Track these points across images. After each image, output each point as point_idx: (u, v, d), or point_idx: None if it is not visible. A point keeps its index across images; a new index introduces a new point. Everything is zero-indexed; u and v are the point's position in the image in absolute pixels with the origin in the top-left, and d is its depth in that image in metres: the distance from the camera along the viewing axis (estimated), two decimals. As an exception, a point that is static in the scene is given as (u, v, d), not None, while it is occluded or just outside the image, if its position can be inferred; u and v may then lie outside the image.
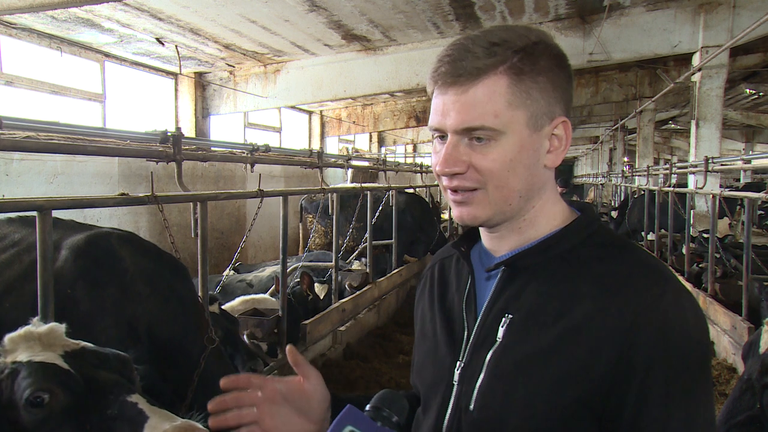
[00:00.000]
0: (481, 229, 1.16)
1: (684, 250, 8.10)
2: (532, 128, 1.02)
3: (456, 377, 1.08)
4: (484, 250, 1.16)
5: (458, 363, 1.08)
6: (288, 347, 1.13)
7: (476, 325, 1.09)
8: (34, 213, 2.56)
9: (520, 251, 1.08)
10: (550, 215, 1.10)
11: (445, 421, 1.07)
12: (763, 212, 16.57)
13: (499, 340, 1.04)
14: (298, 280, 6.03)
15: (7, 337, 1.54)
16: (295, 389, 1.10)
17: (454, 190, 1.05)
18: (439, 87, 1.03)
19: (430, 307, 1.23)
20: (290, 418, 1.09)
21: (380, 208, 8.26)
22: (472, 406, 1.03)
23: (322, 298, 6.02)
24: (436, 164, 1.06)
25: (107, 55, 8.78)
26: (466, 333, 1.10)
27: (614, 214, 13.28)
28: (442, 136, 1.06)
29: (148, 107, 10.15)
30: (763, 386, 2.15)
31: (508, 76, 0.99)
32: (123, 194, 3.14)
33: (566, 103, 1.07)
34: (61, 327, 1.61)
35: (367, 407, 0.99)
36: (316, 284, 6.10)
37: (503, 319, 1.05)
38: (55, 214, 2.64)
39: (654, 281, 0.98)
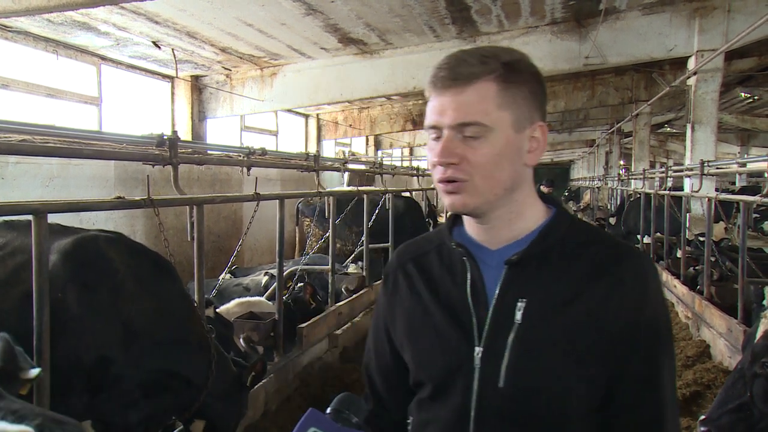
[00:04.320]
0: (472, 224, 1.29)
1: (680, 254, 8.11)
2: (516, 129, 1.18)
3: (477, 361, 1.20)
4: (473, 242, 1.29)
5: (476, 348, 1.20)
6: None
7: (490, 311, 1.21)
8: (28, 216, 2.55)
9: (529, 244, 1.23)
10: (534, 208, 1.27)
11: (473, 401, 1.20)
12: (758, 215, 16.62)
13: (518, 323, 1.18)
14: (301, 285, 6.01)
15: None
16: None
17: (447, 181, 1.18)
18: (437, 89, 1.18)
19: (417, 304, 1.32)
20: None
21: (377, 211, 8.26)
22: (501, 383, 1.17)
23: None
24: (434, 157, 1.19)
25: (103, 58, 8.77)
26: (475, 321, 1.22)
27: (612, 220, 13.26)
28: (438, 136, 1.19)
29: (144, 110, 10.14)
30: (752, 375, 2.20)
31: (497, 83, 1.16)
32: (119, 197, 3.14)
33: (543, 112, 1.24)
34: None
35: (328, 410, 1.06)
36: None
37: (519, 304, 1.19)
38: (51, 217, 2.63)
39: (637, 259, 1.22)
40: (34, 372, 1.46)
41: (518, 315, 1.19)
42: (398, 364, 1.38)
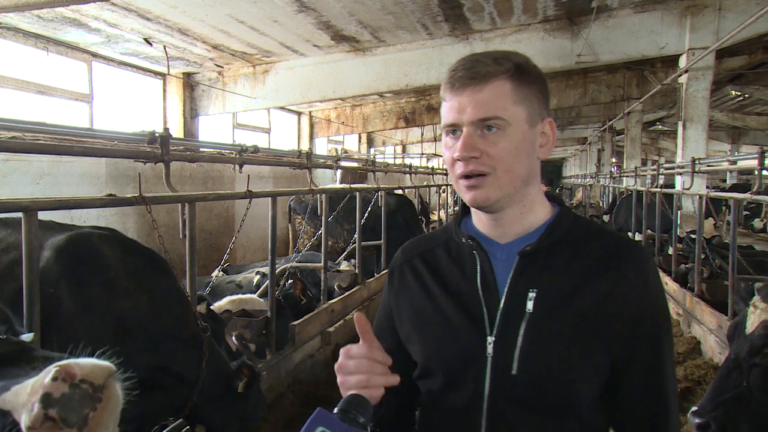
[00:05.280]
0: (483, 220, 1.34)
1: (671, 251, 8.15)
2: (530, 124, 1.25)
3: (490, 350, 1.25)
4: (482, 237, 1.35)
5: (489, 338, 1.25)
6: (357, 316, 1.27)
7: (502, 301, 1.27)
8: (20, 214, 2.54)
9: (539, 237, 1.29)
10: (542, 205, 1.34)
11: (486, 388, 1.25)
12: (748, 212, 16.72)
13: (529, 312, 1.24)
14: (291, 281, 6.01)
15: None
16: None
17: (467, 176, 1.24)
18: (455, 89, 1.24)
19: (426, 297, 1.37)
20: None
21: (369, 208, 8.26)
22: (514, 371, 1.22)
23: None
24: (453, 153, 1.24)
25: (94, 55, 8.72)
26: (486, 311, 1.27)
27: (606, 218, 13.30)
28: (455, 131, 1.26)
29: (136, 108, 10.09)
30: (751, 366, 2.22)
31: (511, 81, 1.23)
32: (110, 195, 3.12)
33: (548, 109, 1.32)
34: None
35: (335, 410, 1.09)
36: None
37: (530, 294, 1.25)
38: (42, 215, 2.62)
39: (638, 253, 1.29)
40: (29, 336, 1.50)
41: (529, 305, 1.24)
42: (399, 356, 1.39)
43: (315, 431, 1.04)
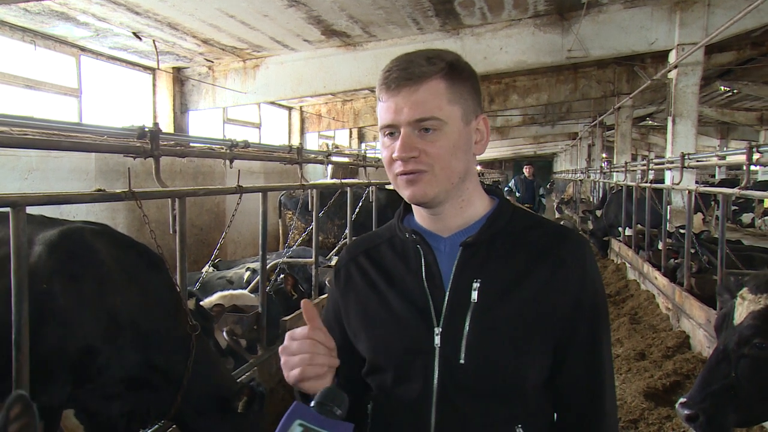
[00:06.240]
0: (423, 215, 1.36)
1: (660, 246, 8.20)
2: (465, 122, 1.28)
3: (438, 341, 1.27)
4: (424, 231, 1.37)
5: (436, 329, 1.27)
6: (303, 302, 1.28)
7: (447, 293, 1.29)
8: (7, 209, 2.51)
9: (480, 228, 1.32)
10: (481, 198, 1.37)
11: (435, 379, 1.26)
12: (736, 207, 16.85)
13: (474, 302, 1.26)
14: (282, 277, 6.00)
15: None
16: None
17: (405, 173, 1.25)
18: (391, 90, 1.26)
19: (372, 293, 1.38)
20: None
21: (360, 204, 8.25)
22: (462, 360, 1.24)
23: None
24: (392, 153, 1.26)
25: (83, 49, 8.65)
26: (432, 303, 1.29)
27: (599, 213, 13.34)
28: (392, 133, 1.27)
29: (125, 102, 10.02)
30: (739, 356, 2.24)
31: (445, 80, 1.25)
32: (100, 190, 3.10)
33: (481, 106, 1.35)
34: None
35: (312, 403, 1.10)
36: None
37: (474, 284, 1.27)
38: (31, 210, 2.60)
39: (575, 241, 1.32)
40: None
41: (474, 295, 1.27)
42: (348, 354, 1.40)
43: (293, 424, 1.05)
